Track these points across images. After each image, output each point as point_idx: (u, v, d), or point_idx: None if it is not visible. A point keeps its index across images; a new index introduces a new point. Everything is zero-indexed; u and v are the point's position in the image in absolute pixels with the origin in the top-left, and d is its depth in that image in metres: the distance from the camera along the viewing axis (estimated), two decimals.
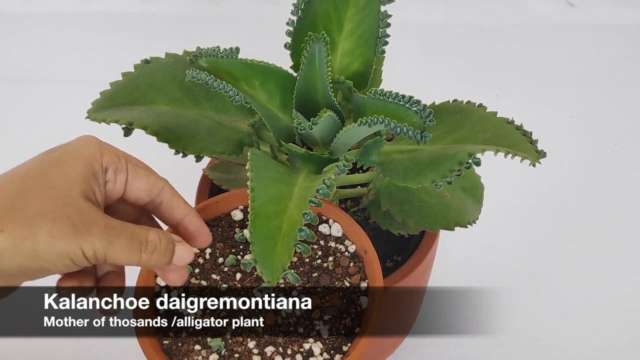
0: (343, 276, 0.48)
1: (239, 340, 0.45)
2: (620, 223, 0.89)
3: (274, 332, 0.45)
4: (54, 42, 1.08)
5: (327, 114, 0.47)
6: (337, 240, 0.49)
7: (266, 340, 0.45)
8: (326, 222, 0.50)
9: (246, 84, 0.48)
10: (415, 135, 0.41)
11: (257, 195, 0.42)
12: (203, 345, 0.45)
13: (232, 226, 0.50)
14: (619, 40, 1.12)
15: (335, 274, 0.48)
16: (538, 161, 0.41)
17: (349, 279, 0.48)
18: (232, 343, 0.45)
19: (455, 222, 0.56)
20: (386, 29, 0.50)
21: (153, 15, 1.13)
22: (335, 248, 0.49)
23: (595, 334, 0.79)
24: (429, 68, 1.07)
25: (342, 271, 0.48)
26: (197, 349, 0.45)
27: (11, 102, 1.02)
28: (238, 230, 0.50)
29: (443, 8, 1.16)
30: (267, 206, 0.42)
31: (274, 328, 0.45)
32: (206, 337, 0.45)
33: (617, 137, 0.99)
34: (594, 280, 0.84)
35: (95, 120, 0.48)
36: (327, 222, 0.50)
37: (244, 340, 0.45)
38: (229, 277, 0.47)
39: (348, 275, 0.48)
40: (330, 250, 0.49)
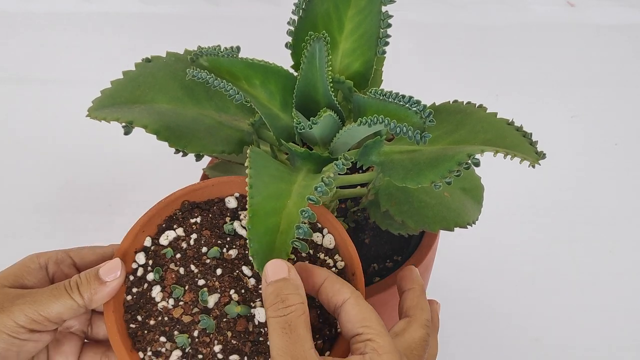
0: None
1: (205, 340, 0.42)
2: (620, 223, 0.89)
3: (243, 340, 0.42)
4: (54, 42, 1.08)
5: (327, 113, 0.46)
6: (327, 253, 0.47)
7: (233, 347, 0.42)
8: (320, 231, 0.48)
9: (247, 83, 0.48)
10: (415, 135, 0.41)
11: (256, 192, 0.41)
12: (169, 338, 0.43)
13: (224, 214, 0.48)
14: (619, 40, 1.12)
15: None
16: (538, 162, 0.41)
17: None
18: (198, 343, 0.42)
19: (455, 223, 0.56)
20: (387, 29, 0.50)
21: (153, 15, 1.13)
22: (323, 260, 0.46)
23: (595, 334, 0.79)
24: (429, 68, 1.07)
25: None
26: (162, 340, 0.43)
27: (11, 102, 1.02)
28: (229, 221, 0.48)
29: (443, 8, 1.16)
30: (265, 203, 0.42)
31: (243, 335, 0.43)
32: (174, 330, 0.43)
33: (617, 137, 0.99)
34: (594, 280, 0.84)
35: (95, 119, 0.48)
36: (321, 231, 0.48)
37: (211, 342, 0.42)
38: (208, 272, 0.45)
39: None
40: (317, 262, 0.46)
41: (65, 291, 0.44)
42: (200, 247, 0.46)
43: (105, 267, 0.44)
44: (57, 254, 0.48)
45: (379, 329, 0.40)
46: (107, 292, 0.44)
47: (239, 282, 0.45)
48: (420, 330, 0.45)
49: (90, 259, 0.49)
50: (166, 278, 0.45)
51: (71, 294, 0.43)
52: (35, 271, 0.47)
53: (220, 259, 0.46)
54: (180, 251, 0.46)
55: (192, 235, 0.47)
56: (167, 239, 0.47)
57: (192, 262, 0.46)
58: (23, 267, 0.47)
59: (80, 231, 0.87)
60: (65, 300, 0.43)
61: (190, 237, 0.47)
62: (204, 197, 0.49)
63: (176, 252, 0.46)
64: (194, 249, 0.46)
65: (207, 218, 0.48)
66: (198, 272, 0.45)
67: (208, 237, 0.47)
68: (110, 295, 0.44)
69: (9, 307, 0.43)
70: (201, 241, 0.47)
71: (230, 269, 0.45)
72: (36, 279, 0.47)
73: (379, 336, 0.39)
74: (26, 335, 0.43)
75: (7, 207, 0.90)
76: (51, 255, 0.48)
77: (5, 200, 0.90)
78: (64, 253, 0.49)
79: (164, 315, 0.44)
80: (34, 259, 0.47)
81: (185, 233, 0.47)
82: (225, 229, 0.47)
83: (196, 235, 0.47)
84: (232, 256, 0.46)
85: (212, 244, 0.46)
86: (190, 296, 0.44)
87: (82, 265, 0.49)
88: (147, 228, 0.47)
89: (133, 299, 0.45)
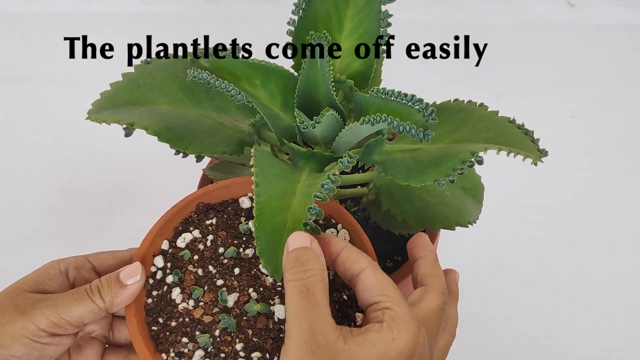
0: (342, 288, 0.45)
1: (227, 339, 0.43)
2: (620, 223, 0.89)
3: (264, 337, 0.43)
4: (54, 42, 1.08)
5: (330, 112, 0.46)
6: None
7: (254, 344, 0.42)
8: (334, 227, 0.48)
9: (248, 83, 0.48)
10: (418, 133, 0.41)
11: (262, 191, 0.42)
12: (191, 339, 0.43)
13: (239, 214, 0.49)
14: (619, 40, 1.12)
15: (335, 285, 0.45)
16: (540, 160, 0.41)
17: (347, 292, 0.45)
18: (220, 342, 0.43)
19: (456, 222, 0.56)
20: (387, 28, 0.50)
21: (153, 15, 1.13)
22: None
23: (595, 334, 0.79)
24: (429, 68, 1.07)
25: (341, 282, 0.45)
26: (185, 341, 0.43)
27: (11, 102, 1.02)
28: (244, 221, 0.48)
29: (443, 8, 1.16)
30: (271, 201, 0.42)
31: (264, 332, 0.43)
32: (195, 331, 0.43)
33: (617, 137, 0.99)
34: (594, 280, 0.84)
35: (96, 121, 0.48)
36: (335, 227, 0.48)
37: (232, 341, 0.43)
38: (226, 272, 0.45)
39: (347, 288, 0.45)
40: None
41: (86, 294, 0.44)
42: (217, 248, 0.47)
43: (126, 271, 0.45)
44: (76, 260, 0.49)
45: (397, 298, 0.40)
46: (128, 295, 0.44)
47: (257, 281, 0.45)
48: (437, 299, 0.45)
49: (110, 263, 0.50)
50: (185, 280, 0.45)
51: (92, 298, 0.44)
52: (55, 277, 0.47)
53: (238, 258, 0.46)
54: (197, 253, 0.47)
55: (208, 236, 0.48)
56: (184, 241, 0.47)
57: (210, 263, 0.46)
58: (43, 273, 0.47)
59: (80, 231, 0.87)
60: (86, 304, 0.44)
61: (207, 239, 0.47)
62: (219, 199, 0.50)
63: (194, 254, 0.47)
64: (211, 249, 0.47)
65: (222, 219, 0.49)
66: (216, 273, 0.46)
67: (224, 237, 0.47)
68: (131, 298, 0.44)
69: (31, 311, 0.43)
70: (218, 242, 0.47)
71: (247, 267, 0.46)
72: (57, 284, 0.47)
73: (396, 305, 0.39)
74: (47, 339, 0.43)
75: (7, 207, 0.90)
76: (71, 260, 0.49)
77: (6, 200, 0.90)
78: (83, 258, 0.49)
79: (185, 317, 0.44)
80: (54, 265, 0.48)
81: (202, 235, 0.48)
82: (241, 228, 0.48)
83: (212, 236, 0.47)
84: (249, 255, 0.46)
85: (228, 244, 0.47)
86: (209, 296, 0.44)
87: (102, 269, 0.49)
88: (163, 231, 0.48)
89: (154, 302, 0.45)
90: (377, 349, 0.38)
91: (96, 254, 0.50)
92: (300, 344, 0.37)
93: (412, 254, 0.49)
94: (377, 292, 0.40)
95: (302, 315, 0.38)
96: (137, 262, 0.45)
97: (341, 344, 0.37)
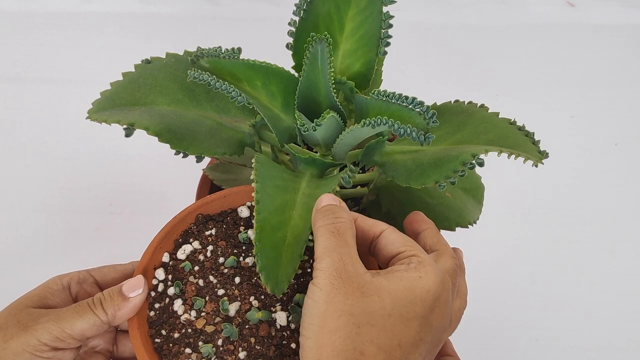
0: None
1: (229, 348, 0.43)
2: (620, 223, 0.89)
3: (266, 345, 0.43)
4: (54, 42, 1.08)
5: (331, 114, 0.46)
6: None
7: (257, 352, 0.43)
8: None
9: (248, 84, 0.48)
10: (419, 136, 0.41)
11: (262, 208, 0.42)
12: (194, 349, 0.43)
13: (238, 224, 0.49)
14: (619, 40, 1.12)
15: None
16: (541, 162, 0.41)
17: None
18: (223, 351, 0.43)
19: (456, 223, 0.56)
20: (388, 29, 0.50)
21: (153, 15, 1.13)
22: None
23: (595, 334, 0.79)
24: (429, 68, 1.07)
25: None
26: (188, 352, 0.43)
27: (11, 102, 1.02)
28: (243, 230, 0.49)
29: (443, 8, 1.16)
30: (271, 217, 0.42)
31: (266, 340, 0.43)
32: (198, 341, 0.43)
33: (617, 137, 0.99)
34: (594, 280, 0.84)
35: (96, 121, 0.48)
36: None
37: (235, 350, 0.43)
38: (227, 281, 0.46)
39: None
40: None
41: (89, 308, 0.44)
42: (217, 258, 0.47)
43: (128, 284, 0.45)
44: (79, 274, 0.49)
45: (421, 249, 0.42)
46: (130, 308, 0.44)
47: (257, 289, 0.45)
48: (450, 261, 0.45)
49: (112, 277, 0.50)
50: (186, 291, 0.46)
51: (95, 311, 0.44)
52: (58, 292, 0.48)
53: (238, 267, 0.47)
54: (198, 263, 0.47)
55: (208, 247, 0.48)
56: (184, 253, 0.48)
57: (211, 273, 0.46)
58: (46, 288, 0.47)
59: (80, 231, 0.87)
60: (89, 317, 0.44)
61: (207, 249, 0.48)
62: (217, 209, 0.50)
63: (194, 265, 0.47)
64: (211, 260, 0.47)
65: (221, 229, 0.49)
66: (217, 282, 0.46)
67: (224, 247, 0.48)
68: (133, 311, 0.44)
69: (33, 326, 0.43)
70: (217, 252, 0.48)
71: (248, 276, 0.46)
72: (59, 299, 0.47)
73: (422, 252, 0.41)
74: (49, 353, 0.43)
75: (7, 207, 0.90)
76: (73, 275, 0.49)
77: (6, 200, 0.90)
78: (85, 272, 0.49)
79: (188, 327, 0.44)
80: (57, 280, 0.48)
81: (202, 245, 0.48)
82: (240, 237, 0.48)
83: (212, 246, 0.48)
84: (249, 264, 0.47)
85: (228, 253, 0.47)
86: (211, 306, 0.45)
87: (104, 283, 0.50)
88: (164, 244, 0.48)
89: (156, 315, 0.45)
90: (405, 283, 0.39)
91: (98, 268, 0.50)
92: (330, 272, 0.38)
93: (413, 228, 0.50)
94: (402, 244, 0.42)
95: (332, 248, 0.39)
96: (139, 276, 0.46)
97: (369, 276, 0.39)
